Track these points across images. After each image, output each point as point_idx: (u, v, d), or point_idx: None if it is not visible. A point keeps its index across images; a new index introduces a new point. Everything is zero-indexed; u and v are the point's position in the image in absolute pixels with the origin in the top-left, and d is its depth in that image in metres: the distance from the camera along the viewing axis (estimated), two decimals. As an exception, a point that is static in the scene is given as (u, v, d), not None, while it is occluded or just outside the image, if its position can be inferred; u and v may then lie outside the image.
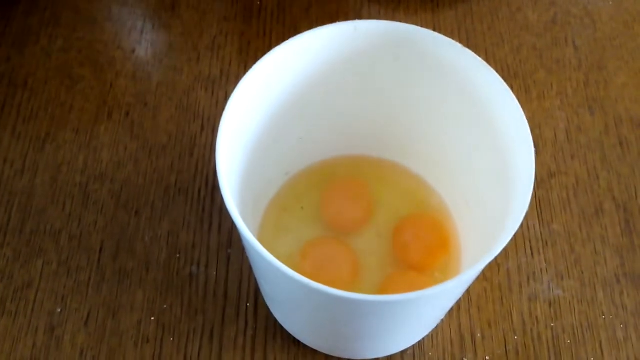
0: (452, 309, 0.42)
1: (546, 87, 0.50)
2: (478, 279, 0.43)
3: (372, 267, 0.41)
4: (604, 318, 0.42)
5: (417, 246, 0.41)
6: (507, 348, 0.41)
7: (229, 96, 0.34)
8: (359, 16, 0.53)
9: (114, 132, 0.48)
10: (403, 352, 0.41)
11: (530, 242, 0.44)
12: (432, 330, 0.41)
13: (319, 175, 0.44)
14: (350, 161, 0.44)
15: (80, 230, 0.44)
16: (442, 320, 0.41)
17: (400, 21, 0.37)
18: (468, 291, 0.42)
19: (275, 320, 0.41)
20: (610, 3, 0.54)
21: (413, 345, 0.41)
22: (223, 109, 0.33)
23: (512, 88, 0.34)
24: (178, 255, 0.43)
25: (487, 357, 0.41)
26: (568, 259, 0.44)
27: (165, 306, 0.42)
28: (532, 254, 0.44)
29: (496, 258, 0.30)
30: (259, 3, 0.54)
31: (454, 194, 0.42)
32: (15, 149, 0.47)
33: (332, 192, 0.43)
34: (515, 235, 0.30)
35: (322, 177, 0.44)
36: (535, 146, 0.33)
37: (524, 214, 0.31)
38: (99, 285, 0.42)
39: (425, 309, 0.35)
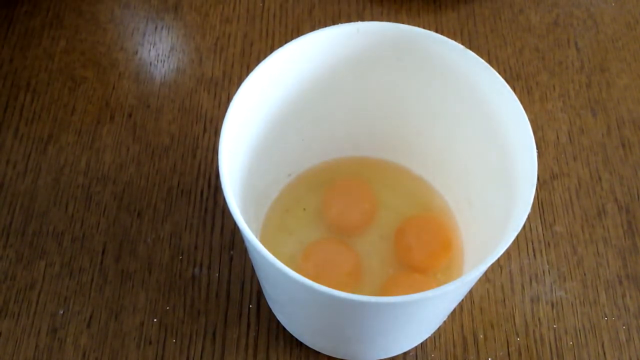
0: (454, 311, 0.42)
1: (548, 89, 0.50)
2: (480, 280, 0.43)
3: (375, 268, 0.41)
4: (607, 320, 0.42)
5: (420, 248, 0.41)
6: (510, 349, 0.41)
7: (232, 98, 0.34)
8: (361, 18, 0.53)
9: (117, 133, 0.48)
10: (405, 354, 0.41)
11: (532, 244, 0.44)
12: (435, 332, 0.41)
13: (321, 177, 0.44)
14: (352, 162, 0.44)
15: (82, 231, 0.44)
16: (445, 322, 0.41)
17: (403, 23, 0.37)
18: (470, 292, 0.42)
19: (278, 322, 0.41)
20: (613, 5, 0.54)
21: (415, 347, 0.41)
22: (226, 110, 0.33)
23: (514, 90, 0.34)
24: (180, 257, 0.43)
25: (489, 359, 0.41)
26: (570, 260, 0.44)
27: (167, 308, 0.42)
28: (534, 255, 0.44)
29: (498, 259, 0.30)
30: (261, 4, 0.54)
31: (456, 196, 0.42)
32: (17, 150, 0.47)
33: (335, 194, 0.43)
34: (517, 237, 0.30)
35: (324, 178, 0.44)
36: (538, 148, 0.33)
37: (526, 216, 0.31)
38: (102, 286, 0.43)
39: (428, 310, 0.35)
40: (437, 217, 0.43)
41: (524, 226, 0.31)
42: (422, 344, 0.41)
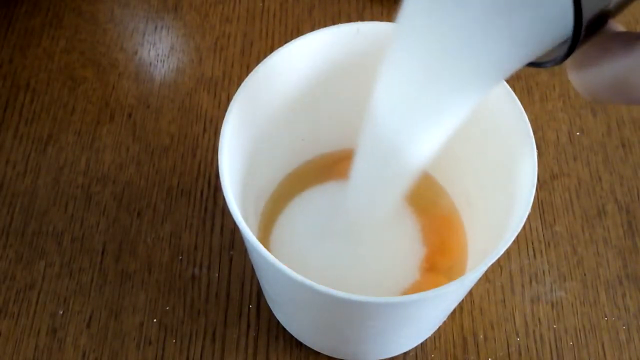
0: (454, 311, 0.42)
1: (548, 89, 0.50)
2: (480, 280, 0.43)
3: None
4: (607, 320, 0.42)
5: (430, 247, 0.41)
6: (510, 350, 0.41)
7: (232, 98, 0.34)
8: (361, 17, 0.53)
9: (116, 133, 0.48)
10: (405, 354, 0.41)
11: (532, 244, 0.44)
12: (435, 332, 0.41)
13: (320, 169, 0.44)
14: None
15: (82, 232, 0.44)
16: (445, 322, 0.41)
17: (403, 23, 0.37)
18: (470, 293, 0.42)
19: (278, 322, 0.41)
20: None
21: (415, 347, 0.41)
22: (225, 110, 0.34)
23: (514, 90, 0.34)
24: (180, 257, 0.43)
25: (489, 359, 0.41)
26: (570, 260, 0.44)
27: (167, 308, 0.42)
28: (534, 255, 0.44)
29: (499, 260, 0.30)
30: (261, 4, 0.54)
31: (456, 196, 0.42)
32: (17, 150, 0.47)
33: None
34: (517, 237, 0.30)
35: (323, 169, 0.44)
36: (538, 148, 0.33)
37: (526, 216, 0.31)
38: (101, 287, 0.43)
39: (427, 310, 0.35)
40: (442, 211, 0.42)
41: (524, 226, 0.31)
42: (422, 344, 0.41)
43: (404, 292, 0.39)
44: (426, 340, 0.41)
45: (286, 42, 0.36)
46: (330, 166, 0.44)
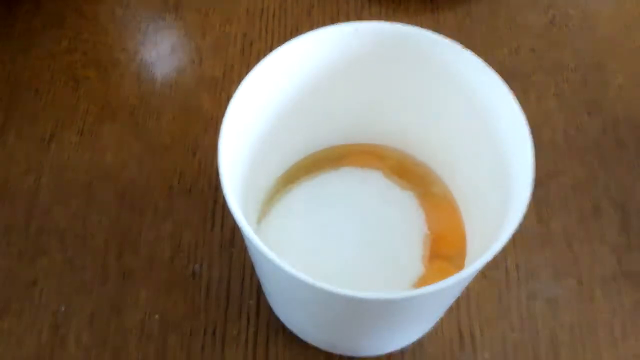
0: (451, 307, 0.42)
1: (545, 89, 0.51)
2: (477, 277, 0.43)
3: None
4: (602, 316, 0.42)
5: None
6: (506, 345, 0.41)
7: (232, 97, 0.34)
8: (359, 17, 0.53)
9: (118, 133, 0.48)
10: (403, 350, 0.41)
11: (528, 241, 0.45)
12: (431, 328, 0.41)
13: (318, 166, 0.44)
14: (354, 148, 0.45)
15: (84, 229, 0.45)
16: (442, 318, 0.42)
17: (401, 22, 0.37)
18: (467, 289, 0.43)
19: (277, 318, 0.42)
20: (608, 5, 0.55)
21: (413, 343, 0.41)
22: (226, 109, 0.34)
23: (510, 89, 0.35)
24: (181, 255, 0.44)
25: (485, 355, 0.41)
26: (566, 258, 0.44)
27: (168, 304, 0.42)
28: (530, 252, 0.44)
29: (495, 256, 0.30)
30: (261, 4, 0.54)
31: (455, 192, 0.42)
32: (20, 149, 0.47)
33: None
34: (513, 234, 0.31)
35: (321, 164, 0.44)
36: (534, 147, 0.33)
37: (522, 214, 0.31)
38: (103, 284, 0.43)
39: (425, 307, 0.35)
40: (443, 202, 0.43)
41: (521, 224, 0.31)
42: (419, 340, 0.41)
43: (411, 283, 0.40)
44: (423, 336, 0.41)
45: (285, 41, 0.36)
46: (329, 161, 0.44)
